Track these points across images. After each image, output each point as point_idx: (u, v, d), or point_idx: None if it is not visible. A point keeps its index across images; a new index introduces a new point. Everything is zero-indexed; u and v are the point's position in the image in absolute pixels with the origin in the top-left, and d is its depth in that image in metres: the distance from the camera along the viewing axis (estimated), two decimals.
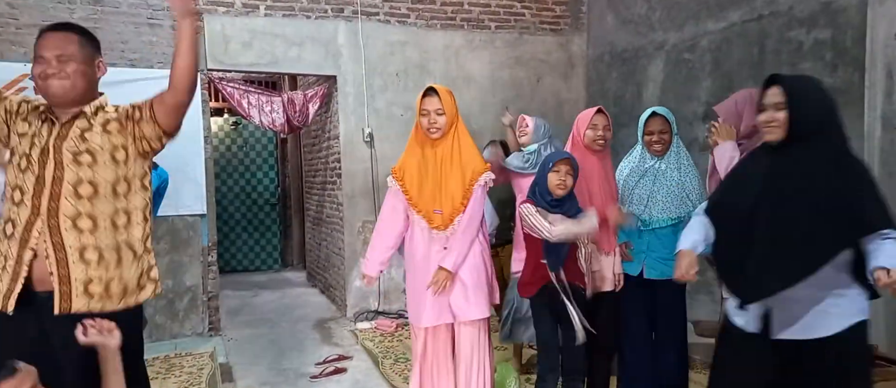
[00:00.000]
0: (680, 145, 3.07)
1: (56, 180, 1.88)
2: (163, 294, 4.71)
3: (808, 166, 1.88)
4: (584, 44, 5.91)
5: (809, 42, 3.71)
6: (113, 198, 1.94)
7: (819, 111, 1.91)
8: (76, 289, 1.88)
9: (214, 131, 7.35)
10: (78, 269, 1.88)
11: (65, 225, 1.88)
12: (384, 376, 3.90)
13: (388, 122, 5.34)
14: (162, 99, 1.99)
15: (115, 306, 1.94)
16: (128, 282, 1.97)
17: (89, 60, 1.96)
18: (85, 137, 1.93)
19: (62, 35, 1.93)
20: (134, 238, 1.99)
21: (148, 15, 4.59)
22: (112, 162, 1.94)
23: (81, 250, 1.89)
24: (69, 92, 1.91)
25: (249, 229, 7.89)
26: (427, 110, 2.70)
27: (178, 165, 4.63)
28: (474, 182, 2.70)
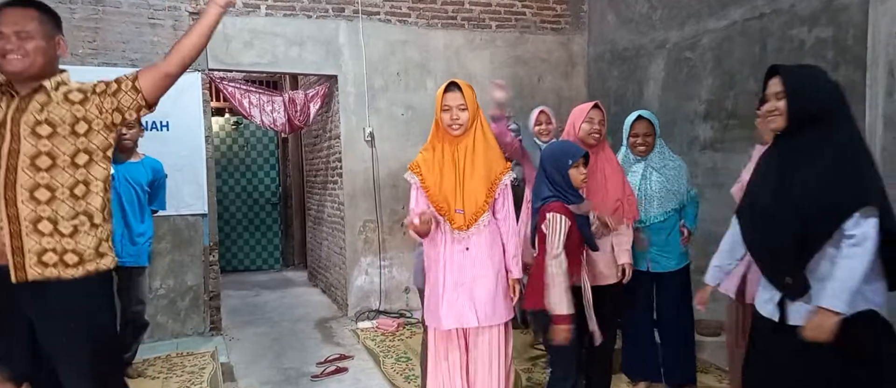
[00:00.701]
0: (663, 146, 3.26)
1: (12, 153, 1.90)
2: (165, 294, 4.72)
3: (809, 154, 1.90)
4: (584, 43, 5.91)
5: (811, 40, 3.71)
6: (72, 169, 1.96)
7: (818, 99, 1.93)
8: (29, 260, 1.92)
9: (215, 131, 7.36)
10: (31, 241, 1.92)
11: (22, 197, 1.91)
12: (385, 375, 3.90)
13: (389, 121, 5.34)
14: (154, 69, 2.01)
15: (72, 273, 1.96)
16: (83, 251, 1.98)
17: (49, 37, 1.97)
18: (45, 108, 1.94)
19: (21, 11, 1.93)
20: (93, 207, 2.00)
21: (149, 15, 4.59)
22: (72, 134, 1.95)
23: (35, 222, 1.92)
24: (28, 69, 1.91)
25: (251, 228, 7.90)
26: (449, 106, 2.57)
27: (179, 165, 4.64)
28: (498, 182, 2.62)
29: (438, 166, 2.62)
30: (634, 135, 3.21)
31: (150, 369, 4.05)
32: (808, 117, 1.93)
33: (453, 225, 2.60)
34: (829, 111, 1.92)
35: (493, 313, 2.61)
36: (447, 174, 2.61)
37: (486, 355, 2.64)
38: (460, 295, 2.59)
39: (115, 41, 4.46)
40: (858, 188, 1.85)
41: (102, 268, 2.03)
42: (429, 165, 2.65)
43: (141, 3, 4.57)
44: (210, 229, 4.88)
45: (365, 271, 5.37)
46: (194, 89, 4.71)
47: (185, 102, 4.67)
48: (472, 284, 2.60)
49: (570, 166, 2.59)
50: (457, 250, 2.60)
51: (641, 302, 3.23)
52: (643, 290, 3.21)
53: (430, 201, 2.62)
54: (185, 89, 4.67)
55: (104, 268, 2.04)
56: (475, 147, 2.61)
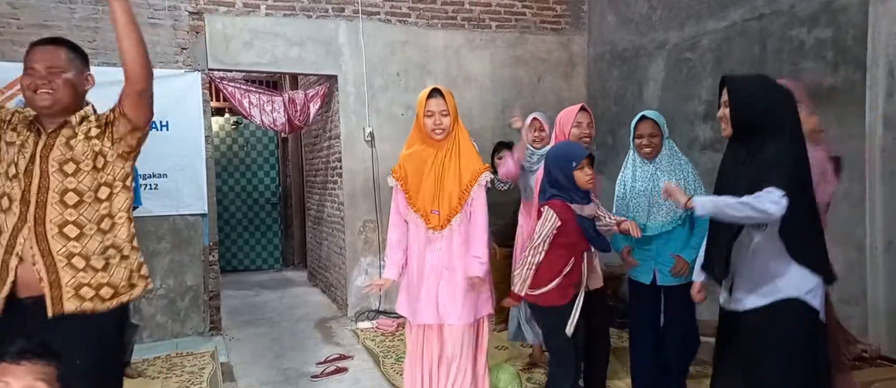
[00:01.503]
0: (673, 147, 3.06)
1: (42, 189, 1.94)
2: (165, 294, 4.72)
3: (747, 157, 2.06)
4: (584, 43, 5.91)
5: (811, 41, 3.71)
6: (97, 204, 1.99)
7: (757, 108, 2.06)
8: (67, 292, 1.93)
9: (215, 131, 7.36)
10: (67, 275, 1.94)
11: (51, 232, 1.93)
12: (385, 375, 3.90)
13: (388, 121, 5.34)
14: (125, 94, 2.01)
15: (106, 307, 1.99)
16: (117, 284, 2.02)
17: (78, 73, 2.02)
18: (70, 144, 1.98)
19: (52, 48, 1.99)
20: (120, 240, 2.04)
21: (148, 15, 4.58)
22: (93, 169, 1.99)
23: (69, 257, 1.94)
24: (57, 103, 1.96)
25: (250, 228, 7.90)
26: (432, 111, 2.69)
27: (179, 165, 4.65)
28: (473, 183, 2.70)
29: (419, 169, 2.74)
30: (639, 136, 3.02)
31: (149, 369, 4.05)
32: (750, 125, 2.06)
33: (428, 225, 2.70)
34: (770, 119, 2.04)
35: (459, 311, 2.69)
36: (427, 176, 2.72)
37: (450, 352, 2.72)
38: (431, 294, 2.71)
39: (115, 42, 4.44)
40: (770, 173, 1.97)
41: (133, 298, 2.07)
42: (410, 168, 2.76)
43: (141, 3, 4.56)
44: (210, 228, 4.88)
45: (365, 271, 5.37)
46: (194, 89, 4.71)
47: (185, 102, 4.67)
48: (441, 282, 2.70)
49: (574, 168, 2.61)
50: (429, 249, 2.71)
51: (647, 316, 3.07)
52: (649, 303, 3.05)
53: (408, 202, 2.74)
54: (185, 89, 4.67)
55: (134, 298, 2.08)
56: (454, 151, 2.73)
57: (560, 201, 2.60)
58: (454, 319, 2.69)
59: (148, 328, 4.66)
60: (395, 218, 2.82)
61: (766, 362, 2.04)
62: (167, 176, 4.65)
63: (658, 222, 2.96)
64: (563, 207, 2.58)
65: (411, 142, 2.84)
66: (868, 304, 3.37)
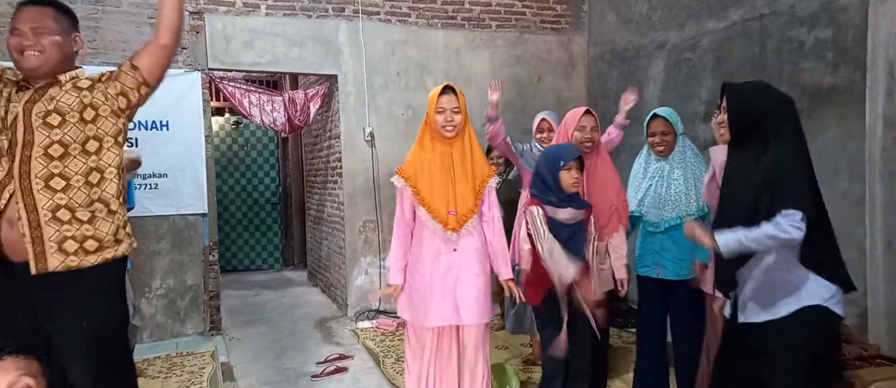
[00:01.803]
0: (686, 144, 3.10)
1: (26, 143, 1.91)
2: (165, 293, 4.72)
3: (747, 163, 2.06)
4: (584, 43, 5.91)
5: (810, 41, 3.71)
6: (84, 156, 1.97)
7: (755, 114, 2.06)
8: (50, 248, 1.91)
9: (215, 131, 7.36)
10: (50, 229, 1.91)
11: (37, 186, 1.91)
12: (385, 375, 3.90)
13: (389, 121, 5.34)
14: (147, 47, 2.04)
15: (93, 261, 1.97)
16: (102, 237, 1.99)
17: (65, 34, 2.00)
18: (54, 98, 1.96)
19: (38, 9, 1.96)
20: (108, 194, 2.02)
21: (149, 14, 4.58)
22: (80, 121, 1.97)
23: (54, 210, 1.92)
24: (43, 64, 1.95)
25: (250, 228, 7.90)
26: (444, 108, 2.65)
27: (179, 165, 4.65)
28: (484, 186, 2.71)
29: (429, 168, 2.69)
30: (651, 134, 3.06)
31: (149, 368, 4.05)
32: (748, 130, 2.07)
33: (446, 227, 2.65)
34: (769, 125, 2.04)
35: (477, 312, 2.69)
36: (439, 176, 2.68)
37: (472, 351, 2.71)
38: (447, 295, 2.67)
39: (115, 40, 4.46)
40: (787, 194, 1.96)
41: (119, 254, 2.05)
42: (420, 168, 2.70)
43: (141, 3, 4.57)
44: (210, 228, 4.88)
45: (365, 271, 5.37)
46: (194, 89, 4.71)
47: (185, 102, 4.67)
48: (457, 284, 2.67)
49: (560, 168, 2.61)
50: (445, 250, 2.67)
51: (653, 312, 3.09)
52: (654, 299, 3.07)
53: (420, 203, 2.67)
54: (185, 89, 4.67)
55: (120, 254, 2.05)
56: (464, 151, 2.71)
57: (536, 201, 2.65)
58: (476, 319, 2.68)
59: (148, 328, 4.66)
60: (400, 220, 2.75)
61: (790, 373, 2.02)
62: (167, 176, 4.65)
63: (665, 217, 3.00)
64: (537, 203, 2.64)
65: (421, 140, 2.77)
66: (868, 304, 3.36)
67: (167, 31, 2.01)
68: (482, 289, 2.70)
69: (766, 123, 2.04)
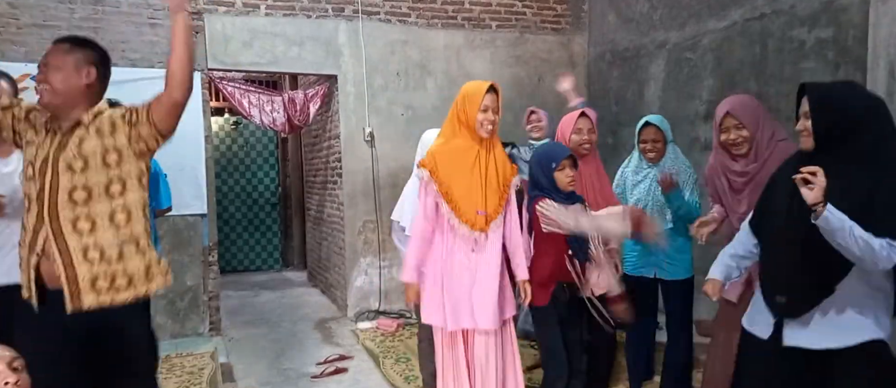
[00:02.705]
0: (676, 151, 3.17)
1: (53, 188, 1.99)
2: (164, 294, 4.71)
3: (836, 175, 1.78)
4: (585, 43, 5.90)
5: (811, 41, 3.70)
6: (108, 198, 2.02)
7: (843, 120, 1.85)
8: (84, 287, 1.98)
9: (215, 131, 7.35)
10: (83, 268, 1.98)
11: (66, 229, 1.99)
12: (385, 375, 3.90)
13: (388, 121, 5.33)
14: (159, 100, 2.06)
15: (124, 297, 2.03)
16: (133, 274, 2.05)
17: (74, 67, 2.03)
18: (81, 144, 2.01)
19: (58, 46, 2.06)
20: (138, 233, 2.07)
21: (148, 15, 4.58)
22: (103, 166, 2.02)
23: (84, 250, 1.99)
24: (52, 100, 2.01)
25: (250, 228, 7.89)
26: (487, 106, 2.56)
27: (178, 165, 4.63)
28: (509, 186, 2.65)
29: (457, 165, 2.58)
30: (643, 142, 3.12)
31: None
32: (836, 137, 1.85)
33: (473, 227, 2.56)
34: (861, 130, 1.83)
35: (497, 313, 2.61)
36: (470, 174, 2.58)
37: (492, 354, 2.62)
38: (466, 296, 2.59)
39: (115, 41, 4.45)
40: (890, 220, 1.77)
41: (152, 290, 2.11)
42: (446, 164, 2.58)
43: (141, 3, 4.56)
44: (209, 229, 4.87)
45: (365, 272, 5.36)
46: (194, 89, 4.69)
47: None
48: (476, 285, 2.59)
49: (554, 169, 2.61)
50: (463, 250, 2.58)
51: (646, 309, 3.14)
52: (648, 297, 3.15)
53: (447, 201, 2.56)
54: None
55: (153, 290, 2.12)
56: (494, 150, 2.65)
57: (544, 198, 2.63)
58: (490, 323, 2.59)
59: None
60: (422, 215, 2.61)
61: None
62: (167, 176, 4.64)
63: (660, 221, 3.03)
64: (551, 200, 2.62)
65: (449, 135, 2.65)
66: None
67: (178, 86, 2.05)
68: (499, 289, 2.62)
69: (858, 129, 1.83)
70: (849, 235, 1.73)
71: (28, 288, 2.04)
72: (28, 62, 3.98)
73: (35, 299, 2.03)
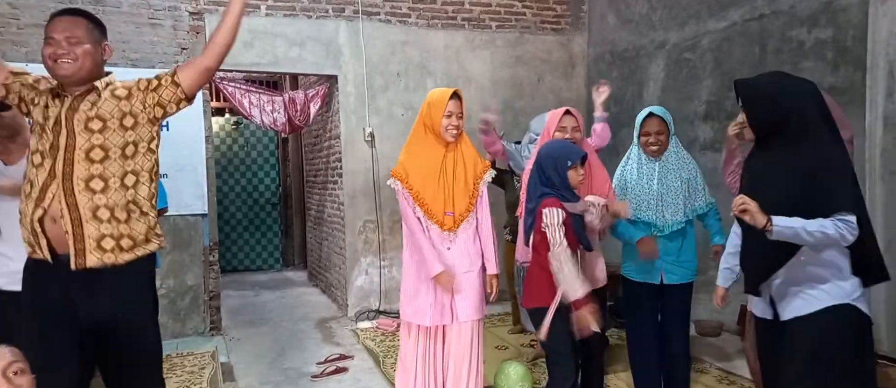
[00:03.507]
0: (678, 144, 3.03)
1: (68, 147, 2.03)
2: (165, 294, 4.72)
3: (778, 159, 1.97)
4: (584, 43, 5.91)
5: (811, 41, 3.71)
6: (122, 160, 2.10)
7: (775, 110, 1.97)
8: (89, 245, 2.03)
9: (216, 131, 7.36)
10: (90, 227, 2.03)
11: (78, 187, 2.03)
12: (385, 375, 3.90)
13: (389, 121, 5.34)
14: (192, 63, 2.18)
15: (126, 258, 2.10)
16: (136, 237, 2.13)
17: (96, 43, 2.11)
18: (95, 105, 2.08)
19: (71, 18, 2.08)
20: (141, 196, 2.14)
21: (149, 15, 4.59)
22: (121, 127, 2.09)
23: (94, 210, 2.04)
24: (77, 71, 2.05)
25: (251, 228, 7.90)
26: (451, 112, 2.74)
27: (179, 165, 4.65)
28: (479, 181, 2.80)
29: (425, 170, 2.77)
30: (645, 134, 2.95)
31: None
32: (770, 127, 1.99)
33: (443, 227, 2.74)
34: (792, 115, 1.94)
35: (473, 309, 2.77)
36: (436, 178, 2.76)
37: (465, 349, 2.77)
38: (440, 294, 2.75)
39: (115, 41, 4.43)
40: (838, 196, 1.90)
41: (149, 251, 2.19)
42: (415, 169, 2.77)
43: (141, 3, 4.57)
44: (210, 229, 4.88)
45: (365, 271, 5.37)
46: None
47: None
48: (453, 280, 2.74)
49: (569, 167, 2.60)
50: (439, 249, 2.75)
51: (649, 317, 3.04)
52: (652, 303, 3.03)
53: (418, 204, 2.75)
54: None
55: (151, 251, 2.20)
56: (460, 152, 2.80)
57: (555, 199, 2.59)
58: (469, 315, 2.76)
59: None
60: (411, 221, 2.77)
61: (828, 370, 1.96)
62: (167, 176, 4.64)
63: (669, 220, 2.93)
64: (559, 204, 2.59)
65: (416, 142, 2.85)
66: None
67: (217, 54, 2.16)
68: (475, 285, 2.78)
69: (791, 117, 1.94)
70: (804, 234, 1.87)
71: (37, 245, 2.05)
72: (28, 62, 3.99)
73: (47, 254, 2.04)
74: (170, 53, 4.66)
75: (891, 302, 3.31)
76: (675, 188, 2.94)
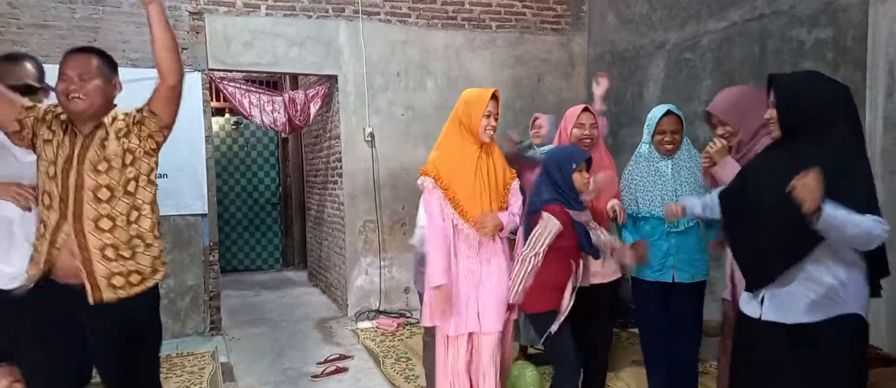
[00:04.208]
0: (689, 143, 3.03)
1: (78, 187, 2.09)
2: (165, 294, 4.72)
3: (796, 161, 1.90)
4: (584, 43, 5.91)
5: (811, 41, 3.71)
6: (126, 197, 2.15)
7: (807, 109, 1.95)
8: (102, 283, 2.11)
9: (216, 131, 7.36)
10: (100, 268, 2.11)
11: (88, 228, 2.09)
12: (385, 375, 3.90)
13: (389, 121, 5.34)
14: (156, 92, 2.18)
15: (137, 291, 2.18)
16: (143, 270, 2.20)
17: (107, 79, 2.16)
18: (104, 145, 2.13)
19: (84, 56, 2.14)
20: (143, 229, 2.21)
21: None
22: (122, 166, 2.15)
23: (102, 250, 2.10)
24: (89, 108, 2.11)
25: (251, 228, 7.90)
26: (490, 112, 2.64)
27: (179, 165, 4.64)
28: (509, 190, 2.73)
29: (461, 169, 2.63)
30: (661, 132, 2.92)
31: None
32: (800, 125, 1.96)
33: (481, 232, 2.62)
34: (823, 118, 1.94)
35: (495, 319, 2.63)
36: (474, 179, 2.63)
37: (486, 360, 2.65)
38: (472, 300, 2.62)
39: (116, 41, 4.46)
40: (864, 196, 1.88)
41: (156, 282, 2.27)
42: (450, 168, 2.63)
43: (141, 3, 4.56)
44: (210, 229, 4.88)
45: (365, 271, 5.37)
46: (194, 89, 4.71)
47: (185, 102, 4.58)
48: (479, 289, 2.62)
49: (574, 170, 2.60)
50: (468, 254, 2.62)
51: (660, 316, 3.01)
52: (663, 302, 2.99)
53: (453, 206, 2.60)
54: (185, 89, 4.63)
55: (157, 282, 2.28)
56: (494, 156, 2.72)
57: (558, 206, 2.58)
58: (494, 326, 2.62)
59: None
60: (435, 223, 2.61)
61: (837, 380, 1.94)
62: (167, 176, 4.62)
63: (683, 218, 2.86)
64: (562, 212, 2.58)
65: (450, 140, 2.70)
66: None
67: (168, 71, 2.13)
68: (501, 296, 2.64)
69: (821, 117, 1.93)
70: (851, 227, 1.78)
71: (42, 282, 2.11)
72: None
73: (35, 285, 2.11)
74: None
75: (891, 302, 3.31)
76: (689, 185, 2.92)
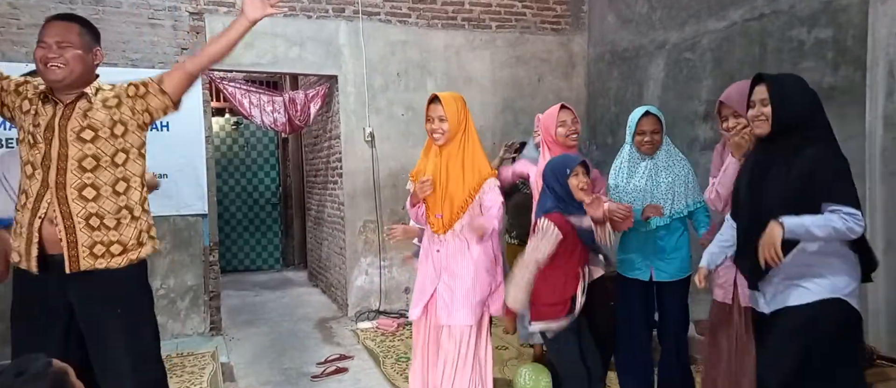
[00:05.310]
0: (670, 143, 3.08)
1: (61, 156, 2.07)
2: (165, 294, 4.73)
3: (786, 156, 2.06)
4: (584, 43, 5.91)
5: (811, 41, 3.71)
6: (113, 168, 2.13)
7: (800, 107, 2.08)
8: (82, 252, 2.10)
9: (216, 131, 7.36)
10: (83, 235, 2.10)
11: (72, 196, 2.08)
12: (385, 375, 3.91)
13: (389, 121, 5.34)
14: (178, 69, 2.20)
15: (118, 262, 2.16)
16: (126, 242, 2.17)
17: (87, 48, 2.13)
18: (87, 115, 2.10)
19: (64, 24, 2.10)
20: (132, 201, 2.19)
21: (149, 15, 4.59)
22: (111, 136, 2.12)
23: (87, 218, 2.10)
24: (67, 76, 2.07)
25: (251, 228, 7.90)
26: (431, 117, 2.79)
27: (179, 165, 4.65)
28: (479, 189, 2.75)
29: (425, 172, 2.84)
30: (641, 132, 2.99)
31: None
32: (790, 124, 2.08)
33: (432, 228, 2.81)
34: (808, 119, 2.08)
35: (456, 313, 2.75)
36: (433, 180, 2.80)
37: (448, 353, 2.76)
38: (430, 293, 2.82)
39: (116, 41, 4.46)
40: (843, 191, 2.00)
41: (142, 256, 2.22)
42: (420, 172, 2.88)
43: (141, 3, 4.57)
44: (210, 229, 4.88)
45: (365, 271, 5.37)
46: (194, 89, 4.62)
47: (185, 103, 4.64)
48: (441, 283, 2.79)
49: (568, 176, 2.62)
50: (432, 251, 2.84)
51: (639, 314, 3.04)
52: (642, 301, 3.03)
53: (424, 203, 2.85)
54: None
55: (144, 256, 2.23)
56: (458, 156, 2.78)
57: (558, 215, 2.60)
58: (453, 320, 2.76)
59: None
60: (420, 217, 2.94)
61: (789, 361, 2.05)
62: (167, 176, 4.64)
63: (656, 218, 2.96)
64: (562, 220, 2.58)
65: (425, 146, 2.96)
66: (868, 304, 3.36)
67: (203, 65, 2.22)
68: (460, 292, 2.73)
69: (807, 117, 2.07)
70: (814, 230, 1.95)
71: (26, 253, 2.09)
72: (28, 62, 3.99)
73: (34, 265, 2.10)
74: (170, 53, 4.65)
75: (891, 302, 3.31)
76: (664, 186, 2.98)
